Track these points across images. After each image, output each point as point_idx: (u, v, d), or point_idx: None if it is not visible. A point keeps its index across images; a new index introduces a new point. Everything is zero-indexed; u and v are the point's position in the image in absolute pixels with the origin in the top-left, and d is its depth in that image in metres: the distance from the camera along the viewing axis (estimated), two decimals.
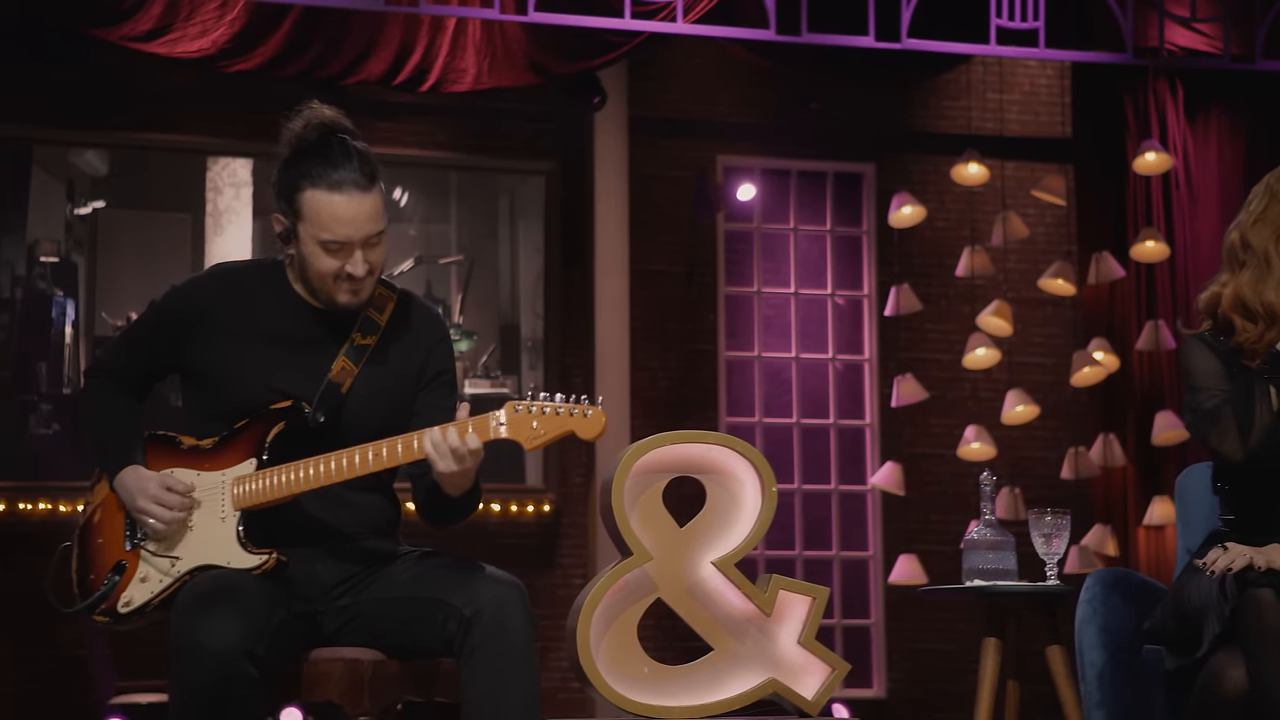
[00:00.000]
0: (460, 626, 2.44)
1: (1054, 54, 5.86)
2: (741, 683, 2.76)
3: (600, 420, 2.53)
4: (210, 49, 5.79)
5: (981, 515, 3.38)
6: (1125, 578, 2.60)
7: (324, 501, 2.62)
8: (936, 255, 7.41)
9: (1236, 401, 2.55)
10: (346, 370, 2.61)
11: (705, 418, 7.19)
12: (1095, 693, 2.47)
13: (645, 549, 2.75)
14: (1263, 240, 2.68)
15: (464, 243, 7.19)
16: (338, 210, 2.53)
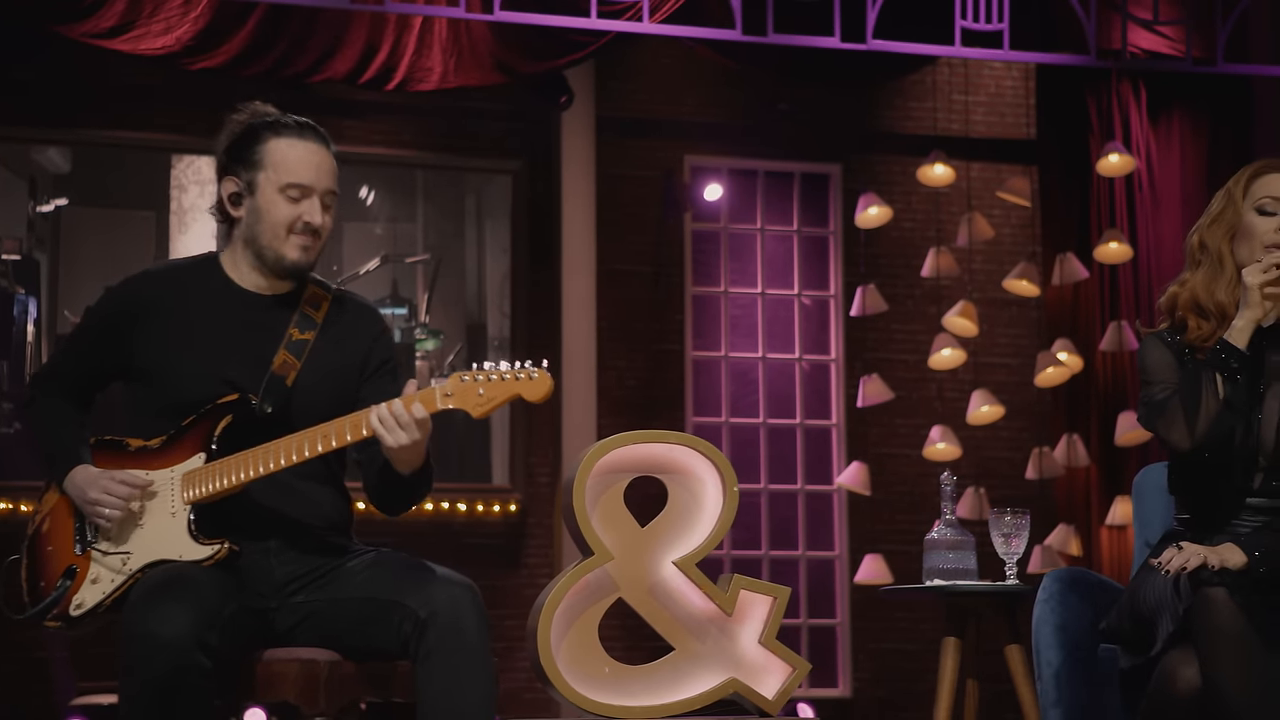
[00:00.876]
0: (415, 628, 2.44)
1: (1018, 55, 5.89)
2: (702, 682, 2.77)
3: (546, 381, 2.55)
4: (174, 46, 5.75)
5: (942, 515, 3.39)
6: (1082, 577, 2.62)
7: (276, 495, 2.62)
8: (903, 256, 7.44)
9: (1184, 392, 2.57)
10: (289, 364, 2.63)
11: (672, 417, 7.19)
12: (1051, 691, 2.48)
13: (606, 549, 2.75)
14: (1216, 241, 2.71)
15: (430, 242, 7.17)
16: (303, 155, 2.64)
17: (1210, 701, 2.31)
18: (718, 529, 2.80)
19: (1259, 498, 2.60)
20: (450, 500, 6.95)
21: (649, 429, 2.87)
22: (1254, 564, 2.44)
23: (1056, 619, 2.51)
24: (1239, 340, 2.59)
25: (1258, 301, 2.59)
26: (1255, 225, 2.68)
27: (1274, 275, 2.58)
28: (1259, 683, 2.30)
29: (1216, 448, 2.58)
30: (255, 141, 2.65)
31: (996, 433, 7.27)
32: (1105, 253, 6.74)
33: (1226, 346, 2.57)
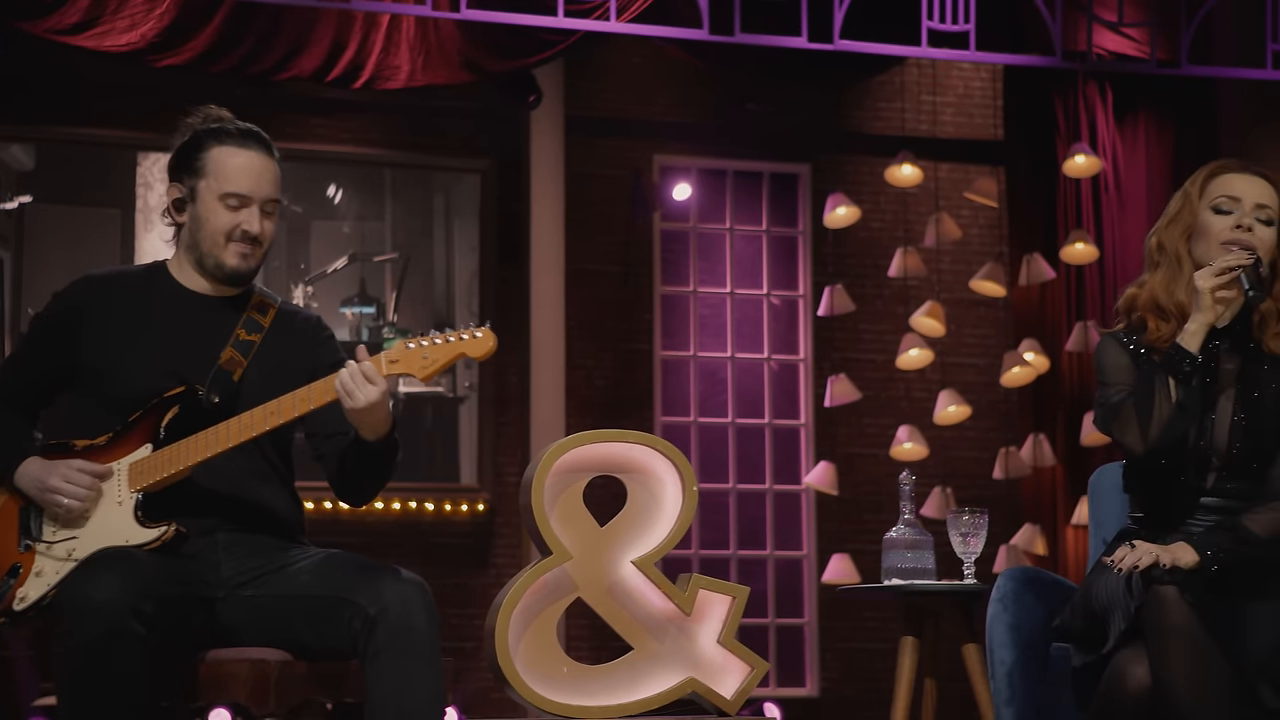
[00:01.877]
0: (365, 625, 2.44)
1: (984, 56, 5.91)
2: (660, 682, 2.76)
3: (490, 339, 2.57)
4: (139, 43, 5.72)
5: (901, 514, 3.40)
6: (1036, 576, 2.63)
7: (226, 492, 2.62)
8: (871, 256, 7.45)
9: (1137, 395, 2.58)
10: (235, 360, 2.66)
11: (641, 417, 7.19)
12: (1005, 690, 2.49)
13: (565, 548, 2.75)
14: (1174, 241, 2.72)
15: (399, 240, 7.15)
16: (242, 164, 2.65)
17: (1160, 700, 2.32)
18: (677, 528, 2.80)
19: (1212, 497, 2.61)
20: (418, 499, 6.94)
21: (618, 429, 2.86)
22: (1206, 563, 2.45)
23: (1010, 618, 2.52)
24: (1192, 344, 2.59)
25: (1209, 305, 2.60)
26: (1211, 224, 2.69)
27: (1225, 279, 2.58)
28: (1209, 681, 2.31)
29: (1170, 451, 2.59)
30: (198, 149, 2.68)
31: (964, 433, 7.30)
32: (1071, 253, 6.77)
33: (1179, 350, 2.58)
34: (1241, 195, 2.69)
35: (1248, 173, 2.72)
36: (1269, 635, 2.46)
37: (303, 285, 7.03)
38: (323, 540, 7.47)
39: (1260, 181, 2.71)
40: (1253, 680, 2.44)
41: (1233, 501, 2.60)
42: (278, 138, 7.77)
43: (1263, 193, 2.69)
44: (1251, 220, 2.67)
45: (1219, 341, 2.68)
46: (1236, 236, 2.65)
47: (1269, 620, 2.48)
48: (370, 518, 6.84)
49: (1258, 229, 2.67)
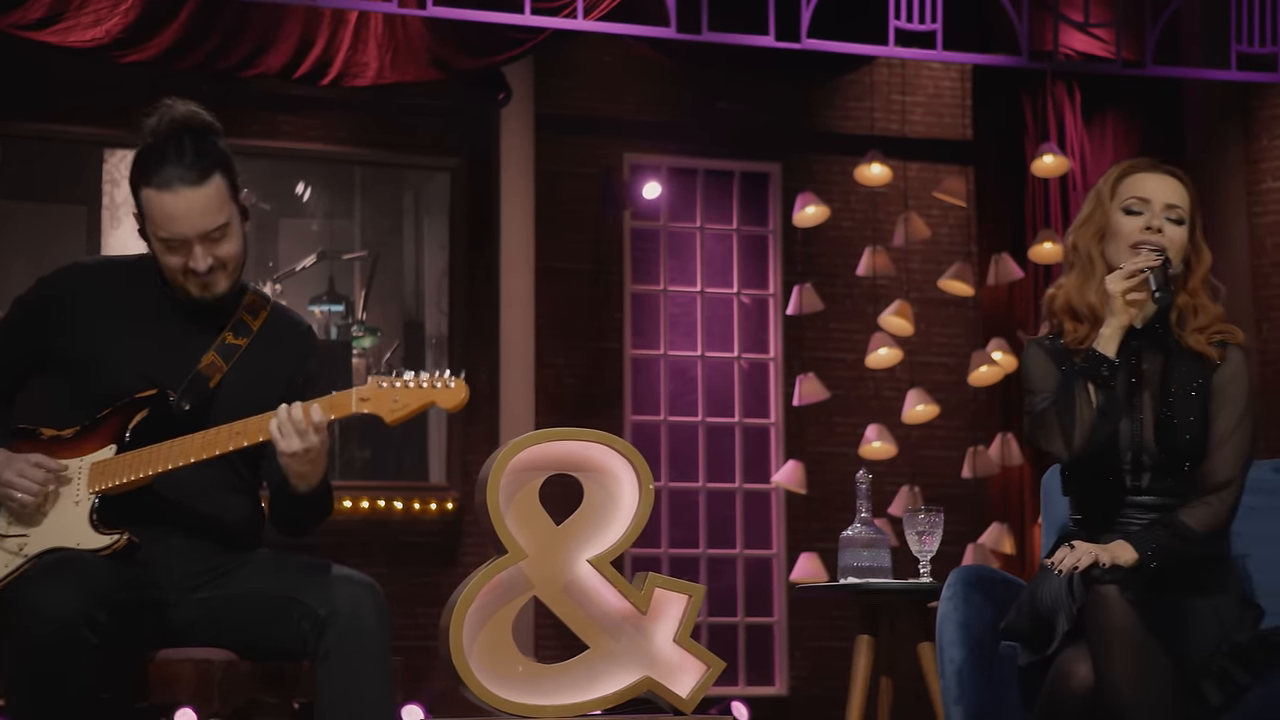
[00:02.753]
0: (315, 626, 2.42)
1: (951, 56, 5.93)
2: (617, 681, 2.76)
3: (462, 391, 2.54)
4: (104, 38, 5.69)
5: (857, 513, 3.41)
6: (986, 575, 2.63)
7: (183, 497, 2.60)
8: (842, 255, 7.46)
9: (1058, 403, 2.59)
10: (216, 365, 2.61)
11: (610, 416, 7.18)
12: (954, 688, 2.50)
13: (520, 547, 2.74)
14: (1086, 242, 2.72)
15: (368, 238, 7.12)
16: (167, 208, 2.55)
17: (1103, 698, 2.33)
18: (633, 527, 2.79)
19: (1147, 495, 2.62)
20: (387, 498, 6.92)
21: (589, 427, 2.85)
22: (1145, 560, 2.46)
23: (959, 616, 2.53)
24: (1107, 348, 2.60)
25: (1121, 308, 2.60)
26: (1122, 225, 2.69)
27: (1134, 281, 2.59)
28: (1150, 679, 2.32)
29: (1096, 455, 2.60)
30: (135, 185, 2.60)
31: (933, 431, 7.31)
32: (1040, 253, 6.79)
33: (1096, 355, 2.59)
34: (1151, 196, 2.69)
35: (1158, 172, 2.73)
36: (1210, 631, 2.48)
37: (271, 283, 7.00)
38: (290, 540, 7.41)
39: (1171, 181, 2.71)
40: (1196, 677, 2.46)
41: (1168, 499, 2.62)
42: (246, 134, 7.73)
43: (1173, 192, 2.69)
44: (1161, 221, 2.67)
45: (1139, 341, 2.69)
46: (1146, 237, 2.65)
47: (1210, 616, 2.50)
48: (339, 516, 6.82)
49: (1168, 229, 2.67)
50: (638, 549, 7.25)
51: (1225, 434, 2.60)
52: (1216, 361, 2.64)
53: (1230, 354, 2.65)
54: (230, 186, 2.61)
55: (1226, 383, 2.63)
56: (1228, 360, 2.65)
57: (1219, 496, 2.57)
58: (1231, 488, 2.58)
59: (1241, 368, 2.64)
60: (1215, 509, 2.56)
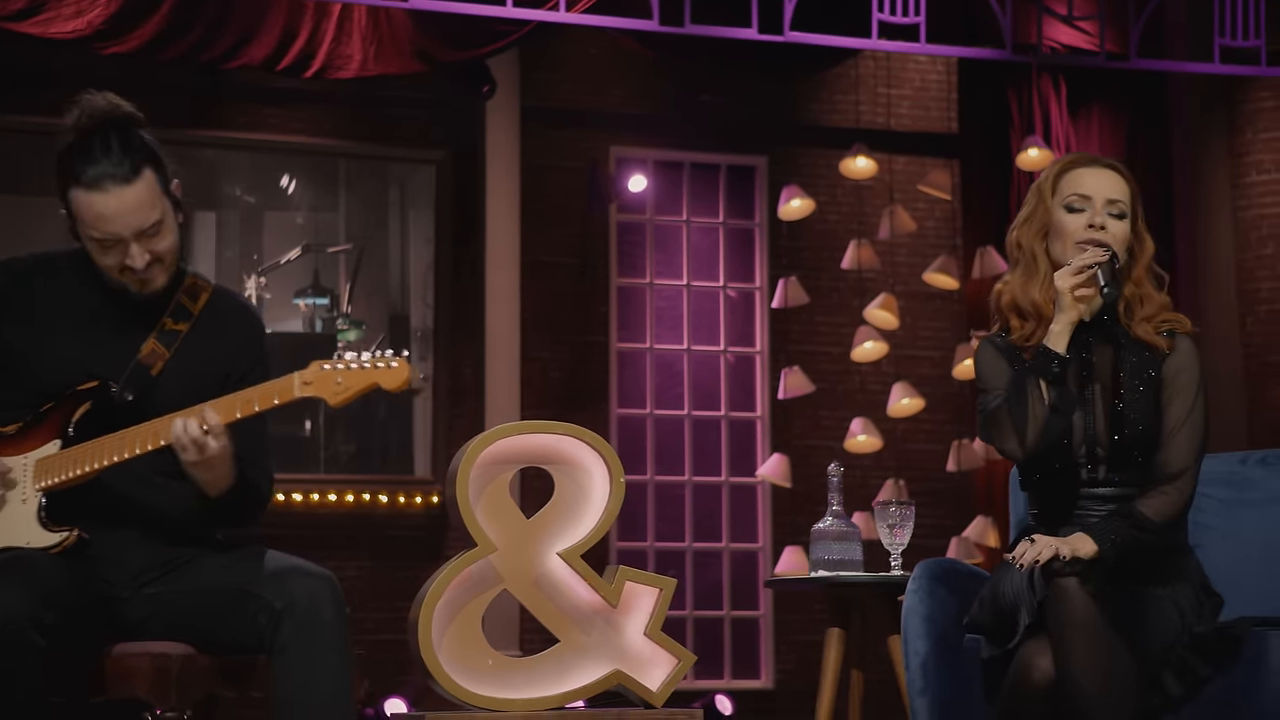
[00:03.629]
0: (271, 620, 2.40)
1: (934, 49, 5.92)
2: (586, 674, 2.75)
3: (404, 370, 2.51)
4: (85, 30, 5.67)
5: (829, 506, 3.40)
6: (951, 568, 2.63)
7: (134, 488, 2.57)
8: (828, 248, 7.45)
9: (1010, 401, 2.59)
10: (157, 353, 2.58)
11: (596, 409, 7.17)
12: (918, 681, 2.49)
13: (489, 540, 2.73)
14: (1030, 240, 2.72)
15: (353, 231, 7.11)
16: (98, 208, 2.51)
17: (1064, 691, 2.33)
18: (604, 520, 2.78)
19: (1103, 487, 2.62)
20: (371, 492, 6.91)
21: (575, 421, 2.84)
22: (1105, 552, 2.47)
23: (924, 609, 2.53)
24: (1057, 344, 2.60)
25: (1070, 304, 2.60)
26: (1065, 224, 2.68)
27: (1083, 277, 2.59)
28: (1111, 671, 2.32)
29: (1050, 450, 2.60)
30: (63, 185, 2.55)
31: (919, 425, 7.30)
32: None
33: (1047, 351, 2.59)
34: (1092, 193, 2.68)
35: (1096, 166, 2.72)
36: (1170, 622, 2.48)
37: (255, 276, 6.99)
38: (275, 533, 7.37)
39: (1110, 175, 2.71)
40: (1156, 668, 2.46)
41: (1124, 489, 2.62)
42: (230, 127, 7.72)
43: (1113, 187, 2.69)
44: (1104, 217, 2.67)
45: (1089, 334, 2.68)
46: (1091, 236, 2.65)
47: (1170, 607, 2.50)
48: (323, 510, 6.81)
49: (1110, 224, 2.67)
50: (623, 543, 7.24)
51: (1178, 423, 2.60)
52: (1165, 351, 2.65)
53: (1179, 343, 2.66)
54: (161, 180, 2.56)
55: (1177, 372, 2.63)
56: (1177, 349, 2.65)
57: (1175, 486, 2.57)
58: (1186, 476, 2.58)
59: (1191, 356, 2.65)
60: (1171, 498, 2.56)
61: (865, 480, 7.09)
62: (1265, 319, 7.15)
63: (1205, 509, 2.77)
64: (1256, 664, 2.41)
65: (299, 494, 6.80)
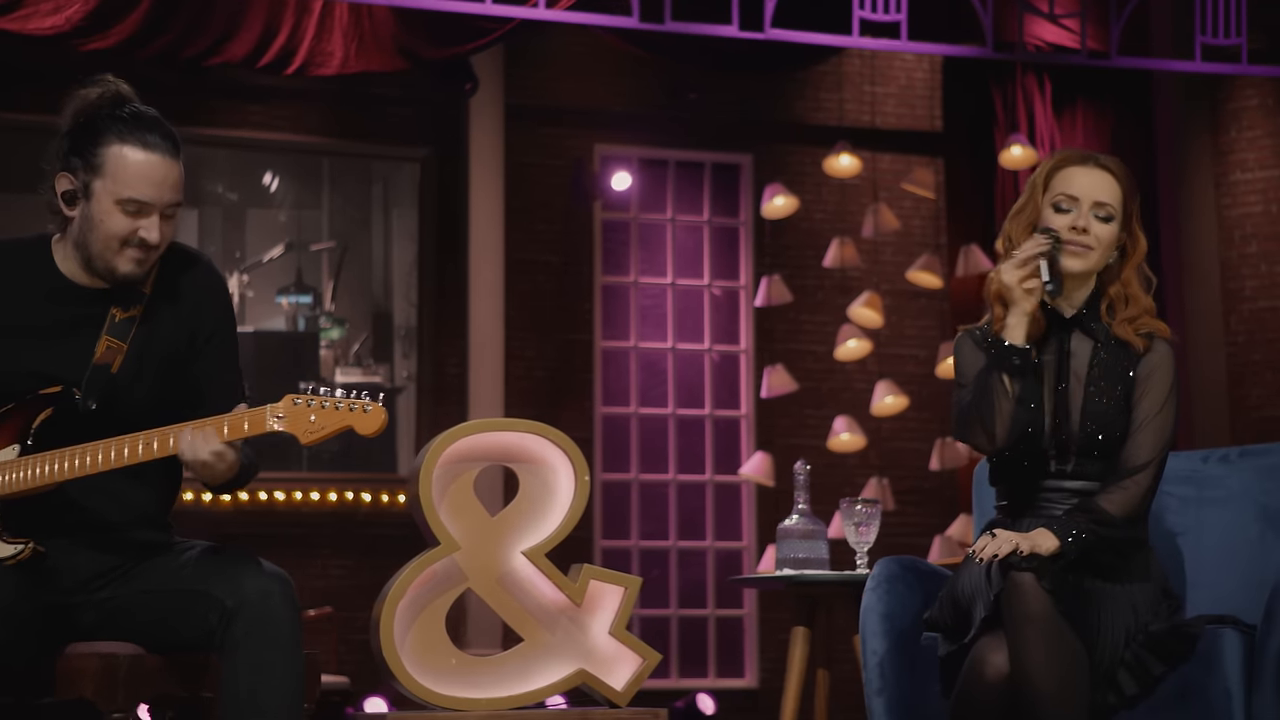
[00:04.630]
0: (221, 619, 2.37)
1: (916, 46, 5.90)
2: (551, 673, 2.73)
3: (379, 416, 2.45)
4: (64, 26, 5.65)
5: (795, 504, 3.38)
6: (911, 565, 2.62)
7: (88, 490, 2.51)
8: (814, 247, 7.43)
9: (976, 398, 2.58)
10: (114, 349, 2.51)
11: (580, 408, 7.16)
12: (875, 680, 2.48)
13: (453, 539, 2.72)
14: (1017, 233, 2.72)
15: (336, 229, 7.09)
16: (145, 170, 2.47)
17: (1016, 686, 2.32)
18: (569, 518, 2.77)
19: (1071, 480, 2.62)
20: (355, 490, 6.89)
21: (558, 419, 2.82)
22: (1066, 548, 2.45)
23: (883, 607, 2.51)
24: (1015, 337, 2.59)
25: (1021, 297, 2.60)
26: (1050, 222, 2.68)
27: (1028, 270, 2.58)
28: (1064, 668, 2.32)
29: (1017, 445, 2.59)
30: (97, 141, 2.48)
31: (904, 423, 7.29)
32: None
33: (1005, 345, 2.58)
34: (1080, 194, 2.68)
35: (1089, 165, 2.72)
36: (1126, 620, 2.47)
37: (238, 274, 6.97)
38: (259, 531, 7.31)
39: (1102, 176, 2.70)
40: (1111, 666, 2.45)
41: (1091, 483, 2.62)
42: (213, 124, 7.68)
43: (1102, 189, 2.69)
44: (1088, 219, 2.66)
45: (1068, 329, 2.68)
46: (1071, 237, 2.64)
47: (1126, 604, 2.49)
48: (306, 509, 6.79)
49: (1095, 227, 2.66)
50: (607, 541, 7.23)
51: (1145, 419, 2.60)
52: (1141, 351, 2.64)
53: (1156, 345, 2.66)
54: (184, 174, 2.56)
55: (1151, 371, 2.64)
56: (1153, 350, 2.66)
57: (1135, 480, 2.57)
58: (1148, 471, 2.58)
59: (1167, 359, 2.64)
60: (1132, 493, 2.56)
61: (850, 479, 7.07)
62: (1249, 318, 7.15)
63: (1167, 507, 2.77)
64: (1210, 662, 2.41)
65: (282, 493, 6.78)
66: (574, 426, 7.28)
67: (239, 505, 6.69)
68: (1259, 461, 2.71)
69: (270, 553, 2.55)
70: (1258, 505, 2.67)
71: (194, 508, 6.55)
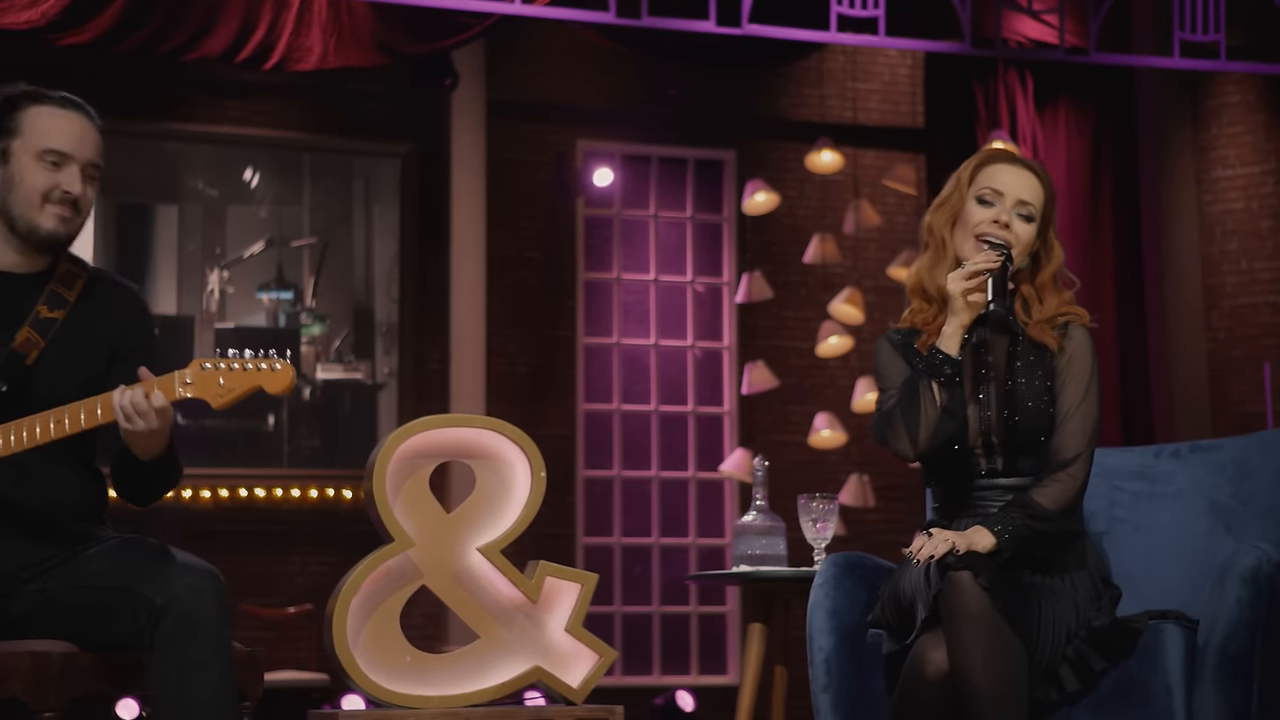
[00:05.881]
0: (151, 617, 2.35)
1: (893, 42, 5.88)
2: (506, 671, 2.71)
3: (288, 374, 2.46)
4: (39, 21, 5.63)
5: (753, 501, 3.36)
6: (860, 561, 2.60)
7: (15, 478, 2.50)
8: (797, 243, 7.42)
9: (902, 403, 2.57)
10: (32, 342, 2.52)
11: (563, 404, 7.14)
12: (822, 677, 2.47)
13: (407, 535, 2.69)
14: (940, 225, 2.71)
15: (317, 225, 7.07)
16: (63, 124, 2.56)
17: (956, 684, 2.31)
18: (525, 514, 2.75)
19: (1002, 478, 2.61)
20: (336, 487, 6.87)
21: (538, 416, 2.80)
22: (1003, 545, 2.44)
23: (830, 604, 2.50)
24: (950, 346, 2.58)
25: (962, 308, 2.58)
26: (972, 215, 2.67)
27: (975, 283, 2.57)
28: (1003, 665, 2.31)
29: (941, 450, 2.58)
30: (13, 109, 2.57)
31: None
32: None
33: (939, 354, 2.57)
34: (1005, 190, 2.66)
35: (1016, 164, 2.71)
36: (1066, 615, 2.47)
37: (218, 270, 6.95)
38: (239, 529, 7.26)
39: (1027, 176, 2.69)
40: (1053, 662, 2.44)
41: (1022, 479, 2.61)
42: (193, 119, 7.65)
43: (1027, 188, 2.67)
44: (1011, 216, 2.65)
45: (985, 326, 2.66)
46: (992, 231, 2.63)
47: (1067, 600, 2.48)
48: (287, 505, 6.77)
49: (1016, 224, 2.65)
50: (589, 538, 7.22)
51: (1070, 410, 2.59)
52: (1058, 348, 2.63)
53: (1073, 333, 2.65)
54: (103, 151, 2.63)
55: (1069, 359, 2.63)
56: (1070, 338, 2.65)
57: (1067, 473, 2.55)
58: (1079, 462, 2.56)
59: (1084, 346, 2.64)
60: (1065, 486, 2.54)
61: (832, 475, 7.06)
62: (1229, 314, 7.14)
63: (1118, 502, 2.76)
64: (1151, 657, 2.40)
65: (262, 489, 6.76)
66: (556, 423, 7.29)
67: (219, 502, 6.67)
68: (1210, 457, 2.70)
69: (251, 549, 2.54)
70: (1208, 500, 2.66)
71: (174, 505, 6.54)
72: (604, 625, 7.14)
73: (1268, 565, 2.35)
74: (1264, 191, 7.12)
